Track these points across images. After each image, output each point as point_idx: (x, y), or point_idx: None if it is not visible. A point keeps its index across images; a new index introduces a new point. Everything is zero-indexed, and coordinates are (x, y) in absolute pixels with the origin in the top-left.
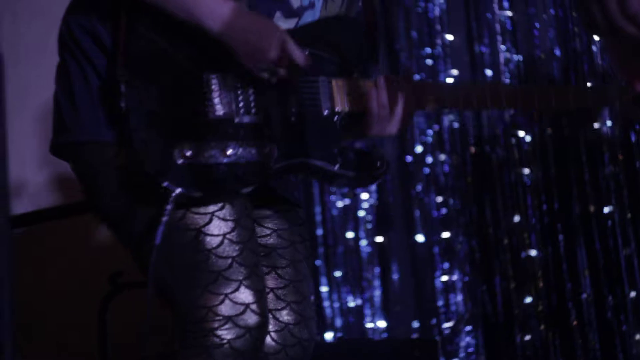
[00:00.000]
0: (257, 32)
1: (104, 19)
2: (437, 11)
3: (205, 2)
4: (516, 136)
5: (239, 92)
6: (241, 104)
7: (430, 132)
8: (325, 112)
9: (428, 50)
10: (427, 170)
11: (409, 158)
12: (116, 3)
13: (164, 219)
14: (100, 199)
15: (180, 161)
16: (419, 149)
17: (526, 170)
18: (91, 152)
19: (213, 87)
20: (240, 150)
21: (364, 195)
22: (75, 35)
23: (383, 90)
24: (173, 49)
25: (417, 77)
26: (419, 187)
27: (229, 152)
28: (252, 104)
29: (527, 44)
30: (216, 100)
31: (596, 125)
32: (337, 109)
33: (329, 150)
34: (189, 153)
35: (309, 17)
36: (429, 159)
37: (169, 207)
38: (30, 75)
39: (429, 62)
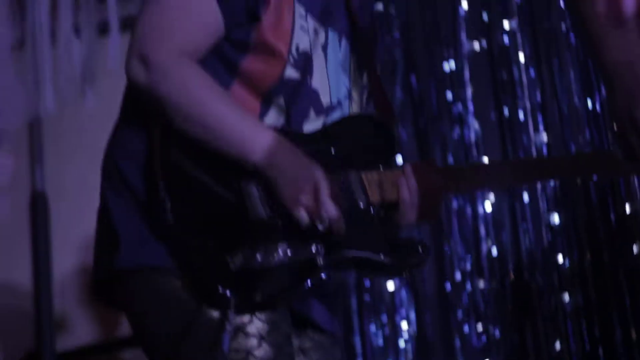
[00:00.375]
0: (294, 169)
1: (141, 146)
2: (472, 136)
3: (246, 131)
4: (555, 262)
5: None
6: (281, 206)
7: (469, 258)
8: (362, 206)
9: None
10: (466, 298)
11: (448, 286)
12: (151, 130)
13: (228, 327)
14: (150, 326)
15: (234, 267)
16: (457, 276)
17: (566, 296)
18: (138, 278)
19: (252, 192)
20: (289, 250)
21: (404, 325)
22: (113, 165)
23: (411, 177)
24: (209, 164)
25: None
26: (459, 316)
27: (278, 253)
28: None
29: None
30: (257, 206)
31: (635, 250)
32: (372, 200)
33: (372, 241)
34: (241, 259)
35: (336, 115)
36: (468, 287)
37: (231, 314)
38: (72, 210)
39: None
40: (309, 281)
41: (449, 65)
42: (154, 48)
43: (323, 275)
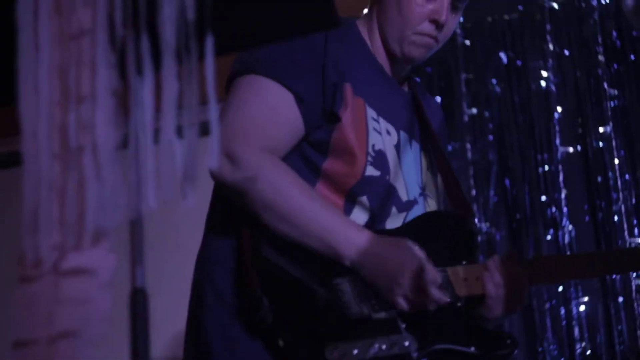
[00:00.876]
0: (391, 263)
1: (229, 249)
2: (567, 239)
3: (342, 231)
4: None
5: (369, 291)
6: (374, 301)
7: (562, 359)
8: (449, 300)
9: None
10: None
11: None
12: (239, 230)
13: None
14: None
15: (330, 358)
16: None
17: None
18: None
19: (345, 289)
20: (384, 346)
21: None
22: (203, 275)
23: (495, 272)
24: (301, 261)
25: None
26: None
27: (374, 347)
28: (385, 300)
29: None
30: (351, 302)
31: None
32: (458, 294)
33: (461, 334)
34: (337, 353)
35: (415, 211)
36: None
37: None
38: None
39: (560, 288)
40: None
41: (543, 168)
42: (241, 145)
43: None
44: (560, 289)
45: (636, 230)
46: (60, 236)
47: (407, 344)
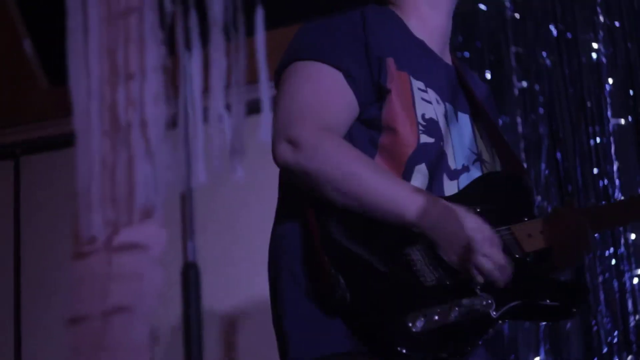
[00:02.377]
0: (454, 227)
1: (299, 234)
2: None
3: (400, 195)
4: None
5: (439, 257)
6: (446, 265)
7: (616, 333)
8: (518, 256)
9: (611, 249)
10: None
11: None
12: (305, 213)
13: None
14: None
15: (416, 330)
16: (605, 350)
17: None
18: None
19: (417, 258)
20: (463, 308)
21: None
22: (276, 263)
23: (557, 222)
24: (369, 235)
25: None
26: None
27: (454, 312)
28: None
29: None
30: (425, 270)
31: None
32: (525, 250)
33: (535, 288)
34: (421, 321)
35: (466, 179)
36: None
37: None
38: (220, 281)
39: (613, 261)
40: (486, 333)
41: (595, 141)
42: (299, 128)
43: (497, 325)
44: (614, 262)
45: None
46: (112, 212)
47: (485, 303)
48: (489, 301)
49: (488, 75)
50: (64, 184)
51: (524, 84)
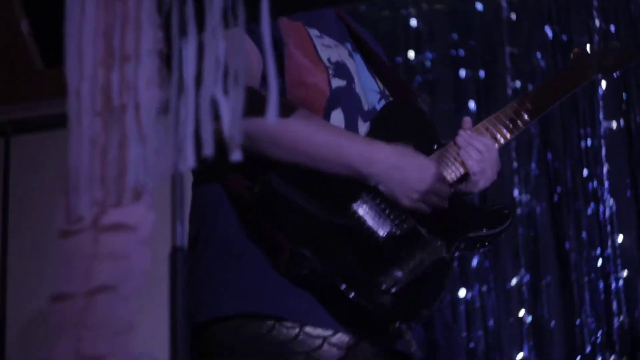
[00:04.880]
0: (406, 169)
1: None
2: (607, 213)
3: (353, 148)
4: None
5: (382, 206)
6: (392, 216)
7: (600, 333)
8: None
9: (598, 250)
10: None
11: (578, 359)
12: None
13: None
14: None
15: (393, 290)
16: (588, 349)
17: None
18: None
19: (364, 214)
20: (419, 257)
21: None
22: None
23: (470, 146)
24: (316, 197)
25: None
26: None
27: (414, 262)
28: (398, 212)
29: None
30: (374, 224)
31: None
32: (448, 180)
33: (467, 220)
34: (389, 280)
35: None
36: None
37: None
38: None
39: (599, 262)
40: (447, 277)
41: (586, 142)
42: None
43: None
44: (600, 263)
45: None
46: (101, 192)
47: (436, 244)
48: (439, 243)
49: (482, 74)
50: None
51: (518, 83)
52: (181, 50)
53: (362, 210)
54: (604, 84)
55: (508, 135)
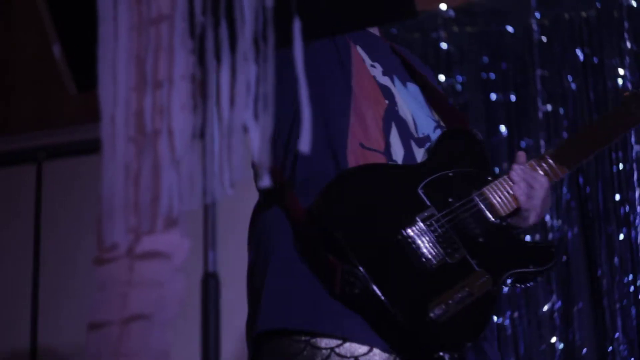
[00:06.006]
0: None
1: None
2: (639, 238)
3: None
4: None
5: (437, 234)
6: (445, 245)
7: (632, 359)
8: (495, 221)
9: (630, 276)
10: None
11: None
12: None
13: None
14: None
15: (438, 319)
16: None
17: None
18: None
19: (417, 240)
20: (468, 288)
21: None
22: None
23: (522, 181)
24: (371, 219)
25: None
26: None
27: (463, 292)
28: (452, 240)
29: None
30: (427, 251)
31: None
32: (501, 214)
33: (516, 255)
34: (439, 310)
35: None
36: None
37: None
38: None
39: (632, 288)
40: (492, 310)
41: (618, 167)
42: None
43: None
44: (632, 289)
45: None
46: (135, 220)
47: (484, 278)
48: (487, 276)
49: (513, 97)
50: (86, 190)
51: (549, 107)
52: (215, 75)
53: (417, 236)
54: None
55: (560, 173)
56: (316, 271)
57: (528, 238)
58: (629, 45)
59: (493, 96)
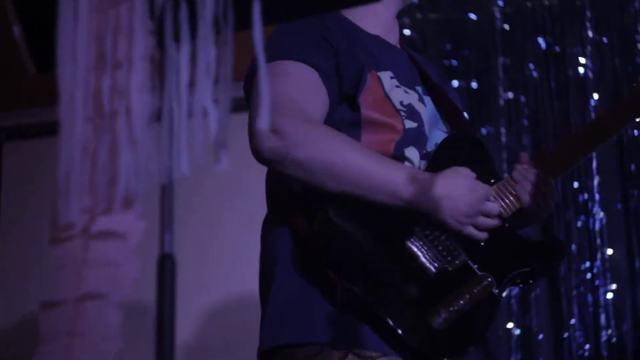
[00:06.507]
0: (454, 195)
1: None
2: (597, 226)
3: (394, 174)
4: None
5: (436, 243)
6: (445, 253)
7: (587, 346)
8: (499, 224)
9: (587, 264)
10: None
11: None
12: (297, 204)
13: None
14: None
15: (438, 327)
16: None
17: None
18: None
19: (416, 251)
20: (469, 295)
21: None
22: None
23: (525, 181)
24: (368, 236)
25: None
26: None
27: (464, 299)
28: (452, 248)
29: None
30: (426, 260)
31: None
32: (505, 216)
33: (519, 255)
34: (439, 318)
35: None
36: None
37: None
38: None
39: (588, 275)
40: (495, 313)
41: None
42: (282, 118)
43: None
44: (589, 276)
45: None
46: (91, 200)
47: (487, 282)
48: (489, 279)
49: (474, 85)
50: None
51: (510, 94)
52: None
53: (415, 246)
54: (595, 95)
55: (564, 168)
56: (318, 287)
57: None
58: (590, 34)
59: (455, 83)
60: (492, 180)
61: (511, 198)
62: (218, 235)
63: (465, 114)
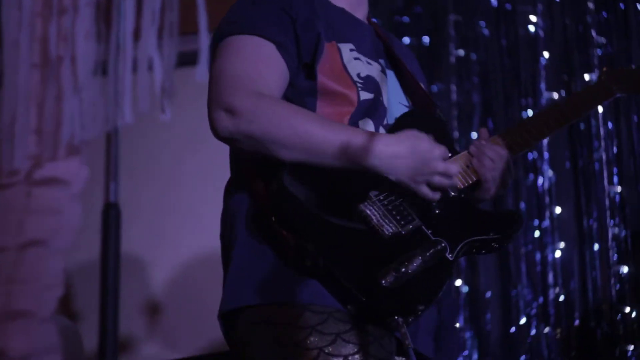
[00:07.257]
0: (407, 154)
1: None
2: (546, 184)
3: (354, 141)
4: (622, 312)
5: (390, 207)
6: (399, 217)
7: (535, 304)
8: (453, 194)
9: (536, 222)
10: (530, 342)
11: (513, 329)
12: (256, 184)
13: (410, 345)
14: None
15: (387, 284)
16: (523, 320)
17: (631, 347)
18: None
19: (370, 213)
20: (421, 258)
21: None
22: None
23: (482, 154)
24: (321, 199)
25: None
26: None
27: (417, 261)
28: (406, 213)
29: (636, 219)
30: (379, 223)
31: None
32: (460, 187)
33: (476, 224)
34: (390, 277)
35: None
36: (533, 331)
37: (405, 331)
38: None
39: (537, 234)
40: (448, 277)
41: (527, 113)
42: (233, 95)
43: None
44: (537, 234)
45: (615, 179)
46: (36, 146)
47: (440, 246)
48: (443, 244)
49: (426, 41)
50: None
51: (461, 52)
52: (119, 3)
53: (369, 209)
54: (546, 54)
55: (524, 146)
56: (274, 247)
57: None
58: None
59: (406, 40)
60: (450, 155)
61: (468, 171)
62: (166, 187)
63: (429, 94)
